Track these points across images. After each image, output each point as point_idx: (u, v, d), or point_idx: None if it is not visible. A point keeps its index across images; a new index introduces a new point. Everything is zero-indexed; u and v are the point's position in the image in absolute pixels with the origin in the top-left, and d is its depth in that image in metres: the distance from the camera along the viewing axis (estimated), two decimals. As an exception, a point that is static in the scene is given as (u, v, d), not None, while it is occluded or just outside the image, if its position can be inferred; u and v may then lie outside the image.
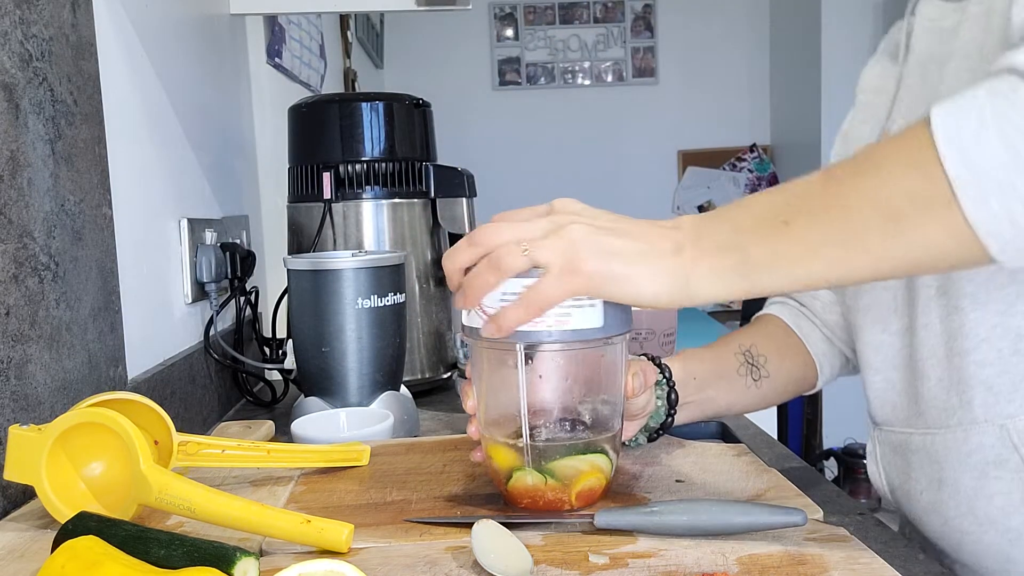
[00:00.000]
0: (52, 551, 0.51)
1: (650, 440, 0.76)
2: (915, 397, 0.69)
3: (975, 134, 0.45)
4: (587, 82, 4.41)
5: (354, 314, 0.91)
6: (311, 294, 0.92)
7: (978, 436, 0.64)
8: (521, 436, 0.61)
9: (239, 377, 1.20)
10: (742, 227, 0.53)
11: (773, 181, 4.56)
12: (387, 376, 0.95)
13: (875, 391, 0.74)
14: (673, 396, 0.74)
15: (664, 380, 0.74)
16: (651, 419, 0.73)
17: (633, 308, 0.90)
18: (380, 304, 0.92)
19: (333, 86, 2.57)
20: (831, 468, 3.53)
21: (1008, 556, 0.65)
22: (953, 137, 0.46)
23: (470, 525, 0.54)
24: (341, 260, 0.92)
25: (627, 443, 0.75)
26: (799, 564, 0.52)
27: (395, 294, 0.94)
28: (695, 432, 0.81)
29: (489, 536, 0.53)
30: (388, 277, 0.93)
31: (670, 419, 0.74)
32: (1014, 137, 0.44)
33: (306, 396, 0.95)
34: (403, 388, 0.99)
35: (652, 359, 0.74)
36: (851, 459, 3.41)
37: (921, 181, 0.47)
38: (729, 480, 0.67)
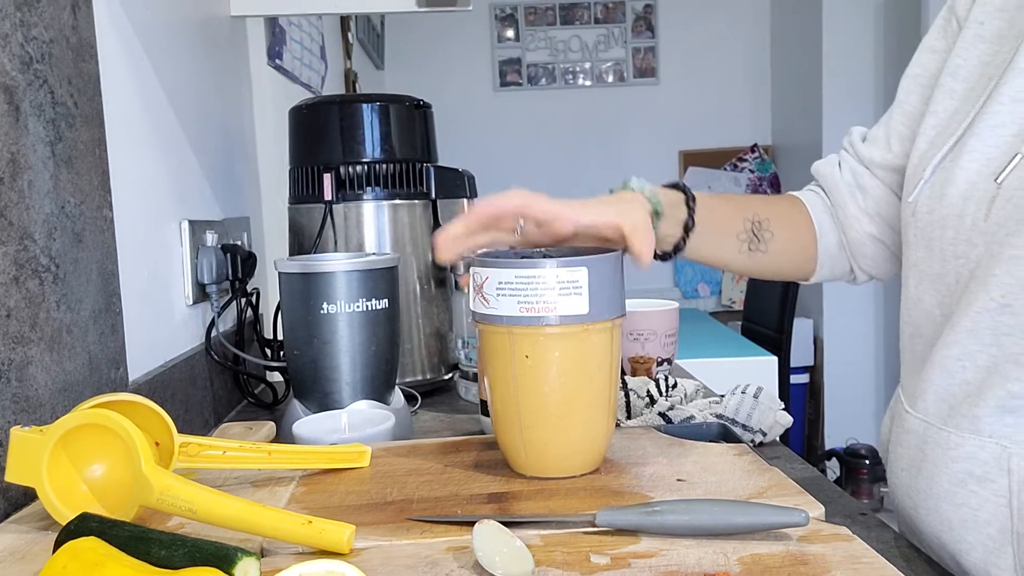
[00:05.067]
0: (53, 552, 0.51)
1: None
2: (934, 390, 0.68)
3: None
4: (588, 83, 4.41)
5: (327, 319, 0.90)
6: (289, 297, 0.93)
7: (974, 447, 0.64)
8: None
9: (240, 378, 1.20)
10: None
11: (774, 181, 4.55)
12: (370, 382, 0.94)
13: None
14: (689, 223, 0.79)
15: (687, 206, 0.79)
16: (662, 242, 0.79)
17: (639, 310, 0.93)
18: (354, 309, 0.91)
19: (334, 87, 2.57)
20: (833, 469, 3.53)
21: (960, 565, 0.66)
22: None
23: (471, 525, 0.54)
24: (318, 263, 0.91)
25: None
26: (801, 564, 0.51)
27: (377, 299, 0.92)
28: (696, 433, 0.81)
29: (490, 536, 0.53)
30: (371, 281, 0.92)
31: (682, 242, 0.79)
32: None
33: (295, 398, 0.95)
34: (398, 393, 0.99)
35: (683, 189, 0.80)
36: (853, 460, 3.40)
37: None
38: (731, 479, 0.67)
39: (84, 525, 0.53)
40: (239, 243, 1.22)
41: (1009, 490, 0.61)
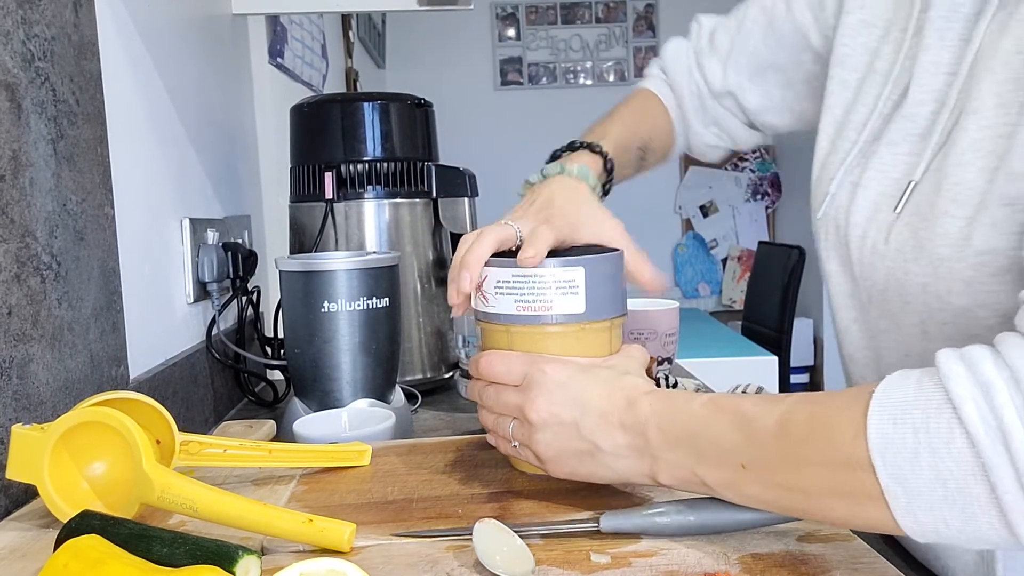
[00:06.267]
0: (55, 550, 0.51)
1: None
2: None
3: (910, 461, 0.46)
4: (589, 82, 4.41)
5: (328, 317, 0.90)
6: (289, 295, 0.93)
7: None
8: None
9: (240, 377, 1.20)
10: (704, 458, 0.55)
11: (775, 181, 4.55)
12: (371, 381, 0.93)
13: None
14: (609, 186, 0.87)
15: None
16: None
17: (639, 310, 0.92)
18: (354, 308, 0.91)
19: (335, 86, 2.57)
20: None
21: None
22: (889, 461, 0.47)
23: (472, 525, 0.54)
24: (319, 262, 0.91)
25: None
26: (801, 564, 0.52)
27: (378, 298, 0.92)
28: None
29: (491, 535, 0.53)
30: (371, 280, 0.92)
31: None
32: (947, 472, 0.45)
33: (295, 397, 0.95)
34: (398, 392, 0.99)
35: (599, 151, 0.84)
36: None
37: (857, 477, 0.48)
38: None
39: (85, 523, 0.53)
40: (240, 241, 1.22)
41: None
